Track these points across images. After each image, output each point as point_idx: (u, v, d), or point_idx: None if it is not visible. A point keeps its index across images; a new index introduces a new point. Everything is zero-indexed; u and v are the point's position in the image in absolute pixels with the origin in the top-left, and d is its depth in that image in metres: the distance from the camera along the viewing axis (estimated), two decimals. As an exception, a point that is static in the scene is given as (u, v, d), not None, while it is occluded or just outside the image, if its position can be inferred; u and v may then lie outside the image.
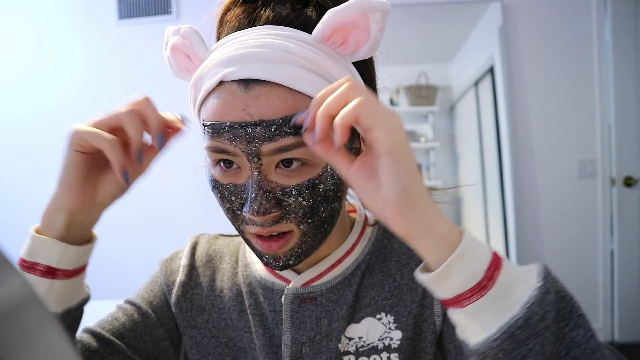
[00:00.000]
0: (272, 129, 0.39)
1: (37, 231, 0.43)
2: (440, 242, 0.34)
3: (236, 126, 0.39)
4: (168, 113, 0.42)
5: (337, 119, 0.34)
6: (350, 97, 0.34)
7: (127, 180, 0.41)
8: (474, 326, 0.34)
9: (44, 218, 0.42)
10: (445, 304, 0.36)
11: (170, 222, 2.20)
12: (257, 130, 0.39)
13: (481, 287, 0.33)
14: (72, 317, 0.44)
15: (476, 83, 2.17)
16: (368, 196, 0.36)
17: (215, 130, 0.40)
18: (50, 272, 0.41)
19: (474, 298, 0.33)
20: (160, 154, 0.44)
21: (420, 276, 0.36)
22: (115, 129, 0.40)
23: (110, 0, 2.25)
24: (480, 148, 2.20)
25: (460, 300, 0.34)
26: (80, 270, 0.44)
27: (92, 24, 2.27)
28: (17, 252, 0.43)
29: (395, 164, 0.33)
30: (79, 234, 0.43)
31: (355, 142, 0.46)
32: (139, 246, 1.97)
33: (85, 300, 0.46)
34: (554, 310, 0.34)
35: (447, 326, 0.49)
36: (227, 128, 0.40)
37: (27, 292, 0.14)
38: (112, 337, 0.50)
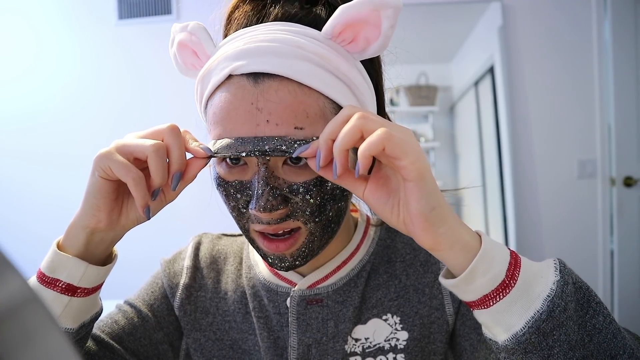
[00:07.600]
0: (281, 134, 0.38)
1: (59, 246, 0.42)
2: (463, 250, 0.36)
3: (241, 142, 0.39)
4: (194, 144, 0.40)
5: (362, 150, 0.33)
6: (366, 127, 0.34)
7: (149, 215, 0.40)
8: (501, 324, 0.35)
9: (67, 233, 0.41)
10: (471, 306, 0.37)
11: (171, 220, 2.20)
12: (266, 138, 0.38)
13: (504, 286, 0.35)
14: (85, 330, 0.44)
15: (476, 83, 2.17)
16: (389, 213, 0.37)
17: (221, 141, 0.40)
18: (70, 290, 0.41)
19: (498, 297, 0.35)
20: (186, 186, 0.41)
21: (445, 282, 0.38)
22: (140, 159, 0.39)
23: (110, 0, 2.25)
24: (480, 148, 2.20)
25: (486, 301, 0.35)
26: (98, 287, 0.44)
27: (92, 24, 2.27)
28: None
29: (423, 189, 0.34)
30: (100, 251, 0.43)
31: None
32: (140, 244, 1.96)
33: (99, 313, 0.46)
34: (574, 300, 0.35)
35: (463, 324, 0.50)
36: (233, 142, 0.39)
37: (27, 292, 0.14)
38: (111, 341, 0.50)
